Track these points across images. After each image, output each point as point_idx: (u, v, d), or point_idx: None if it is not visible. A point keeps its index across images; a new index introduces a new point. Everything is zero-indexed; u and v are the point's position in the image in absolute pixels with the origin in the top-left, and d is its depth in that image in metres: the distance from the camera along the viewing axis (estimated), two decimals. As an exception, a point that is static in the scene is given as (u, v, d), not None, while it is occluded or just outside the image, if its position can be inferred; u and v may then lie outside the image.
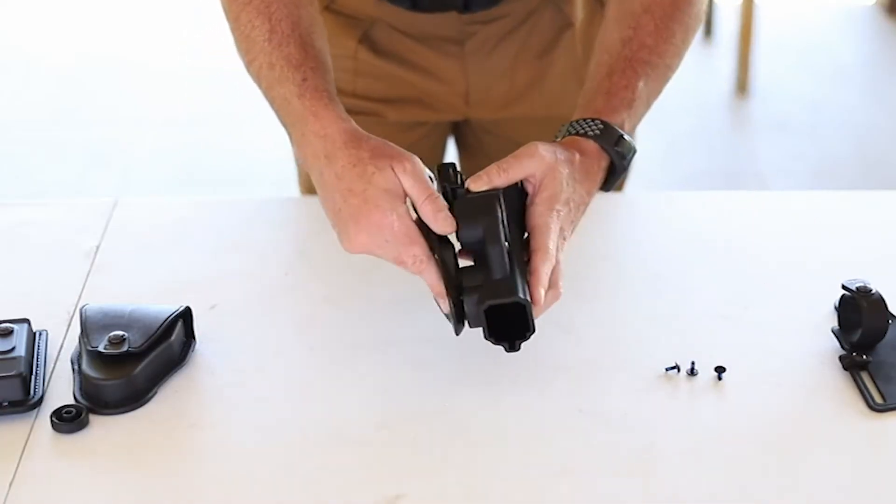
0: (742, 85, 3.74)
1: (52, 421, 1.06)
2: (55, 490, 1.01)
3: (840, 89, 3.79)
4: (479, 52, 1.44)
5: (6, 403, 1.07)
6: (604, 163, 1.15)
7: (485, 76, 1.45)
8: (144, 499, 1.00)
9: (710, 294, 1.24)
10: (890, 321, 1.14)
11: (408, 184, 1.07)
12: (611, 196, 1.33)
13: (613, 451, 1.04)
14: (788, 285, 1.26)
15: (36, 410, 1.08)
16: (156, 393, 1.10)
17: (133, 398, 1.09)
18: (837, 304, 1.18)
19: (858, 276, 1.16)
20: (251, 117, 3.56)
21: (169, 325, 1.13)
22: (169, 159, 3.42)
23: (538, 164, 1.09)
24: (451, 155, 1.61)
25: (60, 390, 1.11)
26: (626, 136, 1.15)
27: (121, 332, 1.11)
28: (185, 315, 1.16)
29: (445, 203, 1.08)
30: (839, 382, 1.11)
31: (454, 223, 1.06)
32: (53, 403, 1.08)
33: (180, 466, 1.03)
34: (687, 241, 1.35)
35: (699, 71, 3.91)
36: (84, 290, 1.26)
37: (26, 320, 1.15)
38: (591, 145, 1.14)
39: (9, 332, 1.12)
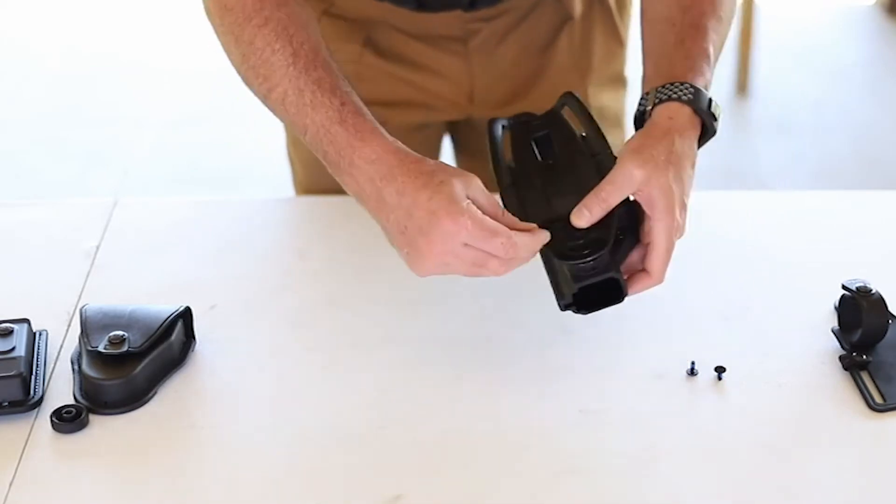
0: (742, 85, 3.73)
1: (52, 421, 1.06)
2: (55, 490, 1.01)
3: (840, 89, 3.79)
4: (483, 49, 1.44)
5: (6, 403, 1.07)
6: (698, 129, 1.13)
7: (489, 73, 1.45)
8: (144, 499, 1.00)
9: (710, 294, 1.24)
10: (890, 321, 1.14)
11: (482, 198, 1.05)
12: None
13: (613, 451, 1.04)
14: (788, 285, 1.26)
15: (36, 410, 1.08)
16: (156, 393, 1.10)
17: (133, 398, 1.09)
18: (837, 304, 1.18)
19: (858, 276, 1.16)
20: (251, 117, 3.56)
21: (169, 325, 1.13)
22: (169, 159, 3.42)
23: (639, 180, 1.06)
24: (447, 157, 1.60)
25: (60, 390, 1.11)
26: (714, 99, 1.13)
27: (121, 332, 1.11)
28: (185, 315, 1.16)
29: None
30: (839, 382, 1.11)
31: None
32: (53, 403, 1.08)
33: (180, 466, 1.03)
34: (687, 241, 1.34)
35: (699, 71, 3.90)
36: (84, 290, 1.26)
37: (26, 320, 1.15)
38: (685, 112, 1.11)
39: (9, 332, 1.12)
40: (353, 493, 1.00)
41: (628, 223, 1.09)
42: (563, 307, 1.08)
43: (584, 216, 1.06)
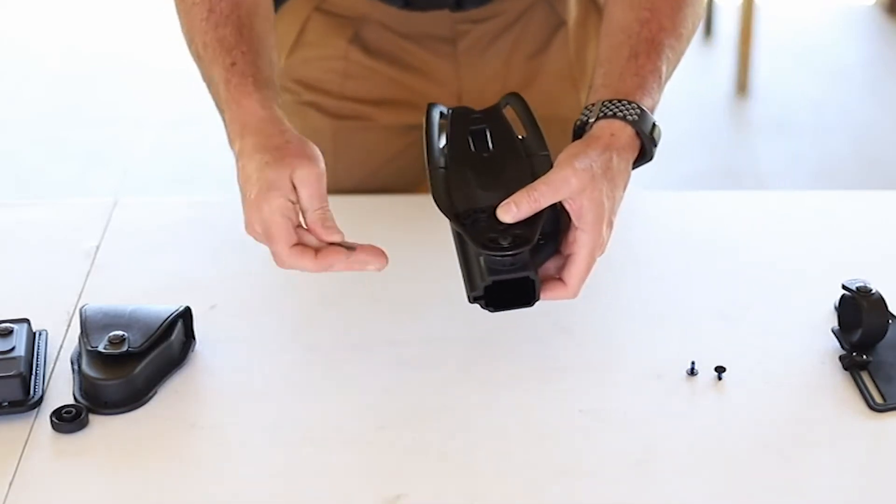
0: (742, 85, 3.74)
1: (52, 421, 1.06)
2: (55, 490, 1.01)
3: (840, 89, 3.79)
4: (472, 51, 1.43)
5: (6, 403, 1.07)
6: (636, 152, 1.11)
7: (477, 76, 1.45)
8: (144, 499, 1.00)
9: (710, 294, 1.24)
10: (890, 321, 1.14)
11: (303, 192, 1.05)
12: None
13: (613, 451, 1.04)
14: (788, 285, 1.26)
15: (36, 410, 1.08)
16: (156, 393, 1.10)
17: (133, 398, 1.09)
18: (837, 304, 1.18)
19: (858, 277, 1.16)
20: (251, 117, 3.57)
21: (169, 325, 1.13)
22: (169, 159, 3.42)
23: (574, 188, 1.04)
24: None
25: (60, 390, 1.11)
26: (657, 124, 1.12)
27: (121, 332, 1.11)
28: (185, 315, 1.16)
29: (332, 217, 1.07)
30: (839, 382, 1.11)
31: (341, 235, 1.06)
32: (53, 403, 1.08)
33: (180, 466, 1.03)
34: (687, 241, 1.35)
35: (699, 71, 3.91)
36: (84, 290, 1.26)
37: (26, 320, 1.15)
38: (628, 132, 1.09)
39: (9, 332, 1.12)
40: (353, 493, 1.00)
41: (551, 230, 1.07)
42: (472, 300, 1.05)
43: (511, 211, 1.03)
